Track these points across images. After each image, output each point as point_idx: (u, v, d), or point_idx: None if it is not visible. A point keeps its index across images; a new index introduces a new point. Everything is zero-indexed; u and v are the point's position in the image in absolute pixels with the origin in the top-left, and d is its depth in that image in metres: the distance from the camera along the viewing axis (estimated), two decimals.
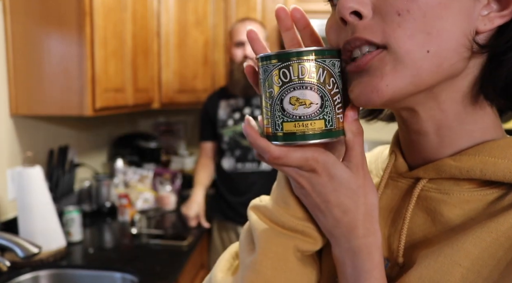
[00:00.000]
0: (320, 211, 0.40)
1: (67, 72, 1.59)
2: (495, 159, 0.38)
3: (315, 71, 0.38)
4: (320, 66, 0.38)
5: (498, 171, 0.37)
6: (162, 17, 2.36)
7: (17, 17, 1.59)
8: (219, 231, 2.10)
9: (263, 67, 0.39)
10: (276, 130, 0.39)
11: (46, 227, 1.52)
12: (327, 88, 0.38)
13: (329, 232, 0.41)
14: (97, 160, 2.43)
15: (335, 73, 0.39)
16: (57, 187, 1.83)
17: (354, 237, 0.40)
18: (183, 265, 1.56)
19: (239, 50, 1.97)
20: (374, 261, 0.39)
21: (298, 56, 0.38)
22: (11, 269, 1.40)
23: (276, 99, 0.38)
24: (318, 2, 2.39)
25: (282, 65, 0.38)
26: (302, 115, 0.38)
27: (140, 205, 2.18)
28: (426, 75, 0.36)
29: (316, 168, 0.38)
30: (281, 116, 0.39)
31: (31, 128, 1.77)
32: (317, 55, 0.38)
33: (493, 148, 0.39)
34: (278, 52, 0.38)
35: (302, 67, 0.38)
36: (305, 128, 0.38)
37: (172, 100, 2.44)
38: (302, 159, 0.38)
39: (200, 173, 2.13)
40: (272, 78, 0.39)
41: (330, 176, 0.39)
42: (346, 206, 0.39)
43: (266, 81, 0.39)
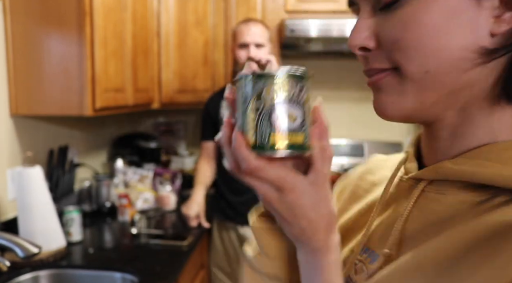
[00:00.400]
0: (287, 222, 0.44)
1: (67, 72, 1.59)
2: (487, 162, 0.39)
3: (301, 90, 0.42)
4: (305, 85, 0.43)
5: (487, 174, 0.39)
6: (162, 17, 2.36)
7: (17, 17, 1.59)
8: (219, 231, 2.10)
9: (254, 81, 0.42)
10: (262, 142, 0.42)
11: (46, 227, 1.52)
12: (307, 106, 0.43)
13: (294, 238, 0.46)
14: (97, 160, 2.43)
15: (310, 94, 0.44)
16: (57, 187, 1.83)
17: (316, 241, 0.44)
18: (183, 265, 1.56)
19: (243, 51, 1.97)
20: (332, 258, 0.45)
21: (290, 75, 0.42)
22: (11, 269, 1.40)
23: (264, 113, 0.42)
24: (318, 2, 2.40)
25: (275, 82, 0.42)
26: (289, 129, 0.42)
27: (140, 205, 2.18)
28: (430, 93, 0.40)
29: (284, 187, 0.42)
30: (268, 128, 0.42)
31: (31, 128, 1.77)
32: (304, 76, 0.43)
33: (490, 151, 0.40)
34: (270, 72, 0.42)
35: (292, 85, 0.42)
36: (289, 141, 0.42)
37: (172, 100, 2.44)
38: (276, 176, 0.41)
39: (200, 173, 2.13)
40: (262, 93, 0.42)
41: (296, 195, 0.42)
42: (311, 217, 0.43)
43: (254, 95, 0.42)
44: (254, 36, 1.95)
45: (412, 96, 0.41)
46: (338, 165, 2.69)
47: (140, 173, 2.33)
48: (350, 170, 0.67)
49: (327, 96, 2.82)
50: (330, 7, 2.38)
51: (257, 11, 2.40)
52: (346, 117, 2.85)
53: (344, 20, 2.27)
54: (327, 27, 2.27)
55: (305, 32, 2.28)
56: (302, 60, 2.83)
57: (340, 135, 2.81)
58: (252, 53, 1.94)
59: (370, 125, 2.81)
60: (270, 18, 2.38)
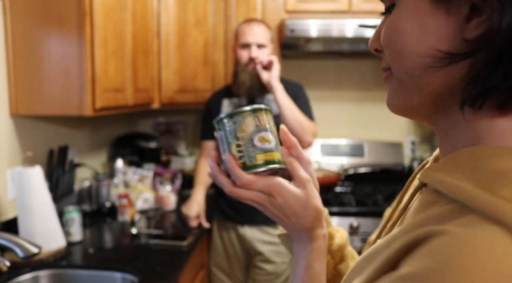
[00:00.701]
0: (281, 220, 0.58)
1: (67, 72, 1.59)
2: (441, 174, 0.40)
3: (270, 120, 0.58)
4: (271, 117, 0.59)
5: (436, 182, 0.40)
6: (162, 17, 2.36)
7: (17, 17, 1.59)
8: (219, 231, 2.10)
9: (234, 119, 0.57)
10: (250, 161, 0.56)
11: (46, 227, 1.52)
12: (275, 131, 0.59)
13: (289, 232, 0.60)
14: (97, 160, 2.43)
15: (274, 122, 0.60)
16: (57, 187, 1.83)
17: (305, 232, 0.58)
18: (183, 265, 1.56)
19: (244, 51, 1.97)
20: (314, 246, 0.58)
21: (259, 110, 0.58)
22: (11, 269, 1.40)
23: (248, 139, 0.56)
24: (318, 2, 2.40)
25: (253, 115, 0.57)
26: (268, 149, 0.57)
27: (140, 205, 2.18)
28: (413, 94, 0.43)
29: (273, 192, 0.56)
30: (253, 150, 0.56)
31: (31, 128, 1.77)
32: (268, 109, 0.59)
33: (450, 158, 0.41)
34: (247, 108, 0.57)
35: (265, 117, 0.58)
36: (272, 157, 0.57)
37: (172, 100, 2.44)
38: (264, 185, 0.56)
39: (200, 173, 2.13)
40: (243, 125, 0.56)
41: (283, 197, 0.57)
42: (299, 214, 0.57)
43: (237, 128, 0.57)
44: (256, 36, 1.95)
45: (401, 95, 0.45)
46: (338, 165, 2.69)
47: (140, 173, 2.33)
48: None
49: (327, 96, 2.82)
50: (330, 7, 2.38)
51: (257, 11, 2.40)
52: (346, 117, 2.85)
53: (344, 20, 2.28)
54: (327, 27, 2.27)
55: (305, 32, 2.28)
56: (302, 60, 2.83)
57: (340, 135, 2.81)
58: (254, 54, 1.94)
59: (370, 125, 2.81)
60: (270, 18, 2.38)
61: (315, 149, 2.72)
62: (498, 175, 0.35)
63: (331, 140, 2.77)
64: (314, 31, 2.28)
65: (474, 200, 0.34)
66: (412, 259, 0.33)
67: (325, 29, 2.27)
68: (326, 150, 2.75)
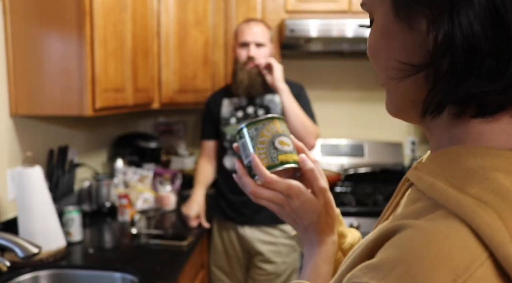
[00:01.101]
0: (294, 222, 0.64)
1: (67, 72, 1.59)
2: (421, 173, 0.43)
3: (286, 127, 0.67)
4: (285, 124, 0.68)
5: (416, 180, 0.43)
6: (162, 17, 2.36)
7: (17, 16, 1.59)
8: (219, 231, 2.10)
9: (255, 127, 0.65)
10: (273, 161, 0.63)
11: (46, 227, 1.52)
12: (290, 135, 0.67)
13: (301, 233, 0.66)
14: (97, 160, 2.43)
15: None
16: (57, 187, 1.83)
17: (315, 236, 0.64)
18: (183, 265, 1.56)
19: (243, 50, 1.97)
20: (325, 248, 0.63)
21: (280, 118, 0.67)
22: (11, 269, 1.40)
23: (270, 142, 0.64)
24: (318, 2, 2.40)
25: (271, 123, 0.65)
26: (287, 151, 0.64)
27: (140, 205, 2.18)
28: (396, 99, 0.47)
29: (291, 195, 0.62)
30: (275, 152, 0.63)
31: (31, 128, 1.77)
32: (283, 118, 0.68)
33: (431, 157, 0.44)
34: (270, 116, 0.66)
35: (281, 124, 0.66)
36: (291, 158, 0.64)
37: (172, 100, 2.44)
38: (286, 186, 0.61)
39: (200, 173, 2.13)
40: (264, 130, 0.64)
41: (300, 201, 0.62)
42: (312, 219, 0.63)
43: (259, 134, 0.64)
44: (254, 35, 1.95)
45: (389, 100, 0.48)
46: (338, 165, 2.69)
47: (140, 173, 2.33)
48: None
49: (327, 96, 2.82)
50: (330, 7, 2.38)
51: (257, 11, 2.40)
52: (346, 117, 2.85)
53: (344, 20, 2.28)
54: (327, 27, 2.27)
55: (305, 32, 2.28)
56: (302, 60, 2.83)
57: (340, 135, 2.81)
58: (252, 52, 1.94)
59: (370, 125, 2.81)
60: (270, 18, 2.38)
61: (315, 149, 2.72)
62: (469, 173, 0.37)
63: (331, 140, 2.77)
64: (314, 31, 2.28)
65: (444, 197, 0.36)
66: (382, 249, 0.36)
67: (325, 29, 2.27)
68: (326, 150, 2.75)
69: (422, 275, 0.31)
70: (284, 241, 2.01)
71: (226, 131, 2.06)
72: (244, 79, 1.95)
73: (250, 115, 2.04)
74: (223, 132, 2.06)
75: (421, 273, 0.31)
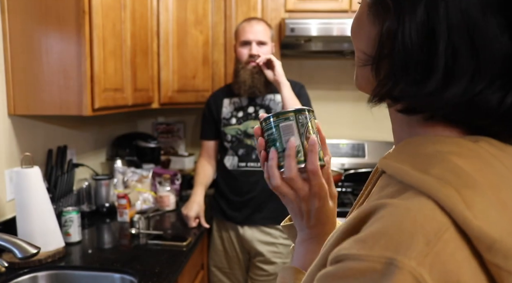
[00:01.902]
0: (301, 217, 0.66)
1: (66, 72, 1.58)
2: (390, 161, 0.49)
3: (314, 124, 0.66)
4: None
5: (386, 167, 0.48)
6: (161, 16, 2.35)
7: (16, 15, 1.58)
8: (219, 231, 2.09)
9: (310, 115, 0.64)
10: (306, 157, 0.63)
11: (44, 227, 1.51)
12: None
13: (302, 228, 0.67)
14: (96, 160, 2.42)
15: None
16: (55, 188, 1.82)
17: (318, 236, 0.66)
18: (182, 265, 1.55)
19: (244, 49, 1.96)
20: (317, 245, 0.66)
21: (310, 111, 0.66)
22: (9, 270, 1.39)
23: (311, 139, 0.62)
24: (318, 1, 2.39)
25: (313, 119, 0.65)
26: (318, 150, 0.63)
27: (139, 205, 2.17)
28: (366, 84, 0.55)
29: (317, 194, 0.64)
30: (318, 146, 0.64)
31: (30, 128, 1.76)
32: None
33: (398, 146, 0.50)
34: (311, 110, 0.66)
35: (313, 122, 0.65)
36: (321, 155, 0.64)
37: (171, 100, 2.43)
38: (318, 184, 0.63)
39: (200, 173, 2.12)
40: (313, 124, 0.64)
41: (321, 202, 0.65)
42: (322, 221, 0.66)
43: (307, 125, 0.63)
44: (256, 33, 1.94)
45: (356, 76, 0.57)
46: (338, 165, 2.68)
47: (140, 173, 2.32)
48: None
49: (327, 96, 2.82)
50: (330, 6, 2.37)
51: (257, 10, 2.40)
52: (346, 117, 2.84)
53: (345, 19, 2.27)
54: (327, 26, 2.27)
55: (305, 31, 2.27)
56: (302, 60, 2.82)
57: (340, 135, 2.81)
58: (254, 51, 1.93)
59: (370, 125, 2.80)
60: (270, 17, 2.37)
61: None
62: (429, 157, 0.44)
63: (331, 140, 2.76)
64: (314, 30, 2.27)
65: (411, 179, 0.42)
66: (366, 225, 0.41)
67: (325, 28, 2.27)
68: None
69: (403, 243, 0.37)
70: (284, 241, 2.00)
71: (226, 131, 2.05)
72: (247, 79, 1.94)
73: (251, 115, 2.03)
74: (224, 133, 2.05)
75: (401, 241, 0.37)
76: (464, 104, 0.43)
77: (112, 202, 2.14)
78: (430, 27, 0.42)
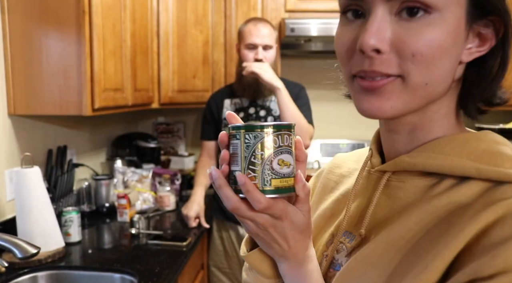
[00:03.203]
0: (277, 244, 0.54)
1: (66, 72, 1.58)
2: (434, 154, 0.50)
3: (291, 140, 0.51)
4: (292, 136, 0.51)
5: (433, 165, 0.49)
6: (161, 16, 2.35)
7: (15, 15, 1.58)
8: (219, 231, 2.09)
9: (254, 133, 0.50)
10: (264, 185, 0.50)
11: (44, 227, 1.51)
12: (294, 153, 0.52)
13: (280, 255, 0.55)
14: (96, 160, 2.42)
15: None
16: (55, 188, 1.82)
17: (301, 255, 0.55)
18: (182, 265, 1.55)
19: (250, 53, 1.93)
20: (311, 266, 0.56)
21: (286, 127, 0.51)
22: (9, 270, 1.39)
23: (267, 161, 0.50)
24: (318, 1, 2.39)
25: (275, 134, 0.50)
26: (285, 174, 0.50)
27: (139, 205, 2.17)
28: (419, 100, 0.48)
29: (282, 217, 0.51)
30: (270, 174, 0.50)
31: (30, 128, 1.76)
32: (293, 128, 0.52)
33: (435, 145, 0.51)
34: (274, 124, 0.50)
35: (288, 136, 0.51)
36: (287, 183, 0.50)
37: (171, 100, 2.43)
38: (279, 210, 0.50)
39: (200, 173, 2.12)
40: (264, 143, 0.50)
41: (291, 222, 0.52)
42: (298, 239, 0.54)
43: (255, 145, 0.50)
44: (263, 37, 1.92)
45: (406, 102, 0.48)
46: None
47: (140, 173, 2.32)
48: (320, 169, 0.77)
49: (327, 96, 2.81)
50: (330, 6, 2.37)
51: (257, 10, 2.40)
52: (346, 117, 2.84)
53: None
54: (327, 26, 2.27)
55: (305, 31, 2.27)
56: (302, 60, 2.82)
57: (340, 135, 2.81)
58: (260, 55, 1.91)
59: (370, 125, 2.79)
60: (270, 17, 2.37)
61: (315, 149, 2.71)
62: (491, 153, 0.47)
63: (331, 140, 2.76)
64: (314, 30, 2.27)
65: (494, 174, 0.45)
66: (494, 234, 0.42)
67: (325, 28, 2.27)
68: (326, 150, 2.74)
69: None
70: None
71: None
72: (252, 83, 1.93)
73: (252, 116, 2.03)
74: None
75: None
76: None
77: (112, 202, 2.14)
78: None
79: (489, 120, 1.86)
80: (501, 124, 2.39)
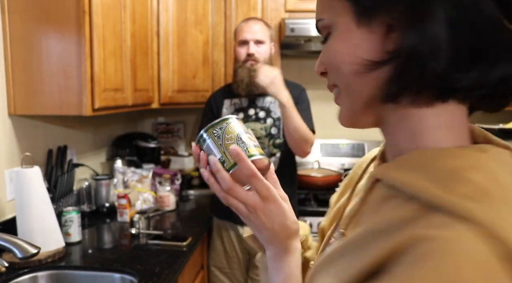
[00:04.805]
0: (266, 229, 0.61)
1: (66, 72, 1.58)
2: (399, 166, 0.47)
3: (246, 126, 0.66)
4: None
5: (389, 177, 0.48)
6: (161, 16, 2.35)
7: (16, 16, 1.58)
8: (219, 231, 2.09)
9: (219, 125, 0.64)
10: (244, 153, 0.61)
11: (44, 227, 1.51)
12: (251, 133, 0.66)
13: (268, 242, 0.63)
14: (96, 160, 2.42)
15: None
16: (56, 188, 1.82)
17: (285, 241, 0.62)
18: (182, 265, 1.55)
19: (242, 49, 1.96)
20: (292, 258, 0.63)
21: (239, 118, 0.66)
22: (9, 270, 1.39)
23: (238, 137, 0.62)
24: None
25: (235, 121, 0.64)
26: (255, 145, 0.63)
27: (139, 205, 2.17)
28: (354, 102, 0.51)
29: (269, 197, 0.60)
30: (244, 145, 0.61)
31: (30, 128, 1.76)
32: (241, 119, 0.67)
33: (418, 159, 0.46)
34: (231, 115, 0.66)
35: (242, 124, 0.65)
36: (260, 151, 0.63)
37: (171, 100, 2.43)
38: (266, 186, 0.60)
39: None
40: (231, 127, 0.63)
41: (276, 205, 0.61)
42: (284, 224, 0.61)
43: (224, 131, 0.63)
44: (253, 33, 1.94)
45: (346, 105, 0.53)
46: (338, 165, 2.68)
47: (140, 173, 2.32)
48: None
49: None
50: None
51: (257, 10, 2.40)
52: None
53: None
54: None
55: (305, 31, 2.27)
56: (302, 60, 2.82)
57: (340, 135, 2.80)
58: (252, 50, 1.92)
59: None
60: (270, 17, 2.37)
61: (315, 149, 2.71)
62: (449, 173, 0.42)
63: (331, 140, 2.76)
64: (314, 30, 2.27)
65: (436, 198, 0.40)
66: (404, 264, 0.38)
67: None
68: (326, 150, 2.74)
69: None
70: None
71: None
72: (244, 78, 1.94)
73: (251, 117, 2.03)
74: None
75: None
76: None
77: (112, 202, 2.14)
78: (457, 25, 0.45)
79: (489, 120, 1.86)
80: (501, 124, 2.39)
